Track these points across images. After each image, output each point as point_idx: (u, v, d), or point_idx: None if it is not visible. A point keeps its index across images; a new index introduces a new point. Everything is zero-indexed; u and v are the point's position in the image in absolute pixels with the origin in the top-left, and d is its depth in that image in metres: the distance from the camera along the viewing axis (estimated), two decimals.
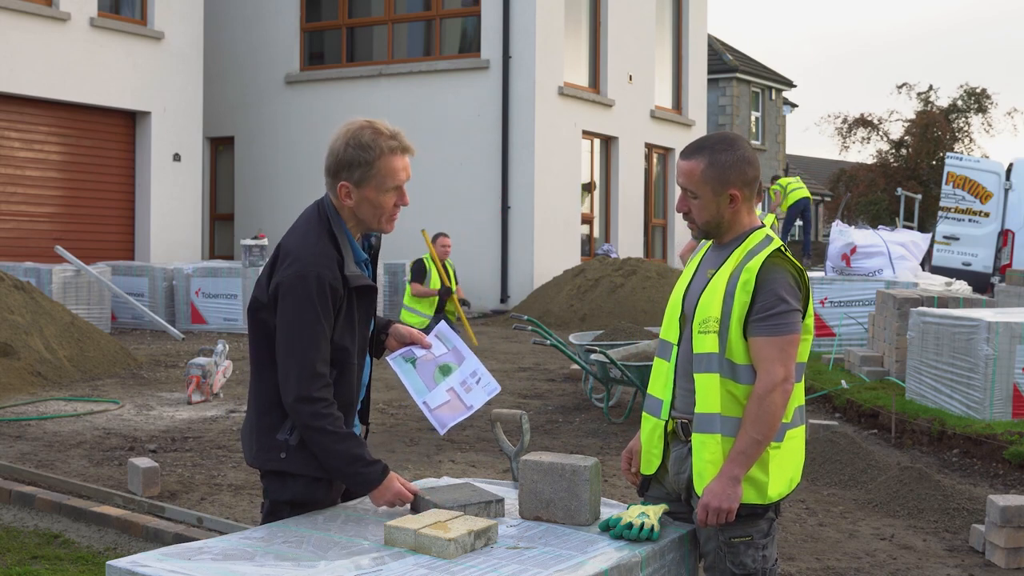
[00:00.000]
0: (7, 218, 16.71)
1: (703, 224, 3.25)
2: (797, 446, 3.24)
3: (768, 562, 3.18)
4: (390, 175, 3.23)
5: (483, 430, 8.60)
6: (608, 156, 21.63)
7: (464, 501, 3.20)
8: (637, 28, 21.99)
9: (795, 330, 3.11)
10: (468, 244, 19.09)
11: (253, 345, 3.29)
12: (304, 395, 3.11)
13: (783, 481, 3.18)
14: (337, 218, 3.26)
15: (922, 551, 5.95)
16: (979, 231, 16.76)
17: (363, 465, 3.15)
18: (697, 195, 3.21)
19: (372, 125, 3.25)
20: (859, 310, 12.92)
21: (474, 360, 3.52)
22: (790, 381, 3.09)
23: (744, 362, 3.12)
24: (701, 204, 3.22)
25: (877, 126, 38.44)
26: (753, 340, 3.10)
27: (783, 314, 3.09)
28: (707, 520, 3.08)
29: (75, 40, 16.98)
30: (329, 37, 21.32)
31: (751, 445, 3.06)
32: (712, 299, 3.16)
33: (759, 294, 3.09)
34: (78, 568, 5.28)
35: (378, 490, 3.17)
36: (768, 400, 3.06)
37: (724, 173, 3.18)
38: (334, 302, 3.16)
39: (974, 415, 8.60)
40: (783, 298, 3.09)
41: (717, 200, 3.20)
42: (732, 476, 3.06)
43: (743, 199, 3.21)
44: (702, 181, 3.20)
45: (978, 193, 16.78)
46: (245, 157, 21.39)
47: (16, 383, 10.14)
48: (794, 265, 3.18)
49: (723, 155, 3.20)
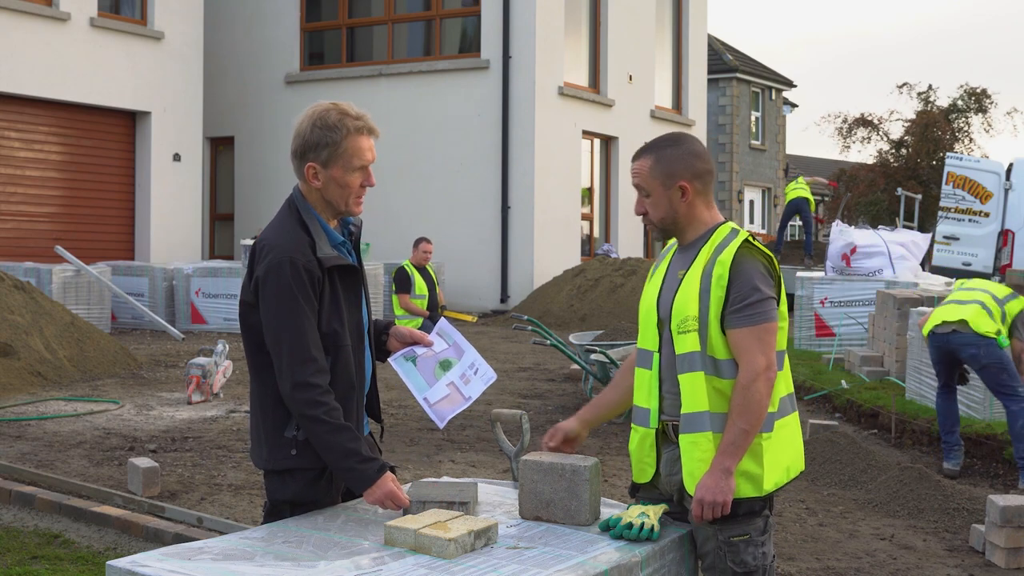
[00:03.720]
0: (7, 218, 16.71)
1: (659, 221, 3.29)
2: (790, 434, 3.25)
3: (767, 559, 3.20)
4: (356, 154, 3.25)
5: (483, 430, 8.60)
6: (608, 156, 21.62)
7: (435, 497, 3.21)
8: (637, 28, 21.98)
9: (772, 318, 3.14)
10: (468, 244, 19.10)
11: (248, 347, 3.30)
12: (299, 381, 3.12)
13: (778, 471, 3.19)
14: (305, 204, 3.30)
15: (922, 551, 5.95)
16: (979, 231, 16.73)
17: (357, 460, 3.15)
18: (649, 192, 3.26)
19: (338, 107, 3.28)
20: (859, 310, 12.92)
21: (473, 352, 3.54)
22: (772, 369, 3.11)
23: (725, 357, 3.13)
24: (653, 201, 3.26)
25: (877, 126, 38.42)
26: (732, 332, 3.12)
27: (758, 303, 3.11)
28: (703, 515, 3.08)
29: (75, 40, 16.98)
30: (329, 37, 21.32)
31: (739, 436, 3.07)
32: (688, 298, 3.17)
33: (733, 286, 3.12)
34: (78, 568, 5.28)
35: (370, 488, 3.16)
36: (752, 389, 3.08)
37: (671, 166, 3.23)
38: (313, 285, 3.17)
39: (974, 415, 8.61)
40: (757, 287, 3.12)
41: (668, 194, 3.23)
42: (723, 468, 3.07)
43: (695, 192, 3.24)
44: (651, 177, 3.24)
45: (978, 193, 16.76)
46: (245, 157, 21.39)
47: (16, 383, 10.13)
48: (764, 254, 3.21)
49: (669, 150, 3.26)
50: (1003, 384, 7.48)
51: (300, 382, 3.12)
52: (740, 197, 35.54)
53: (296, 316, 3.14)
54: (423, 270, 12.40)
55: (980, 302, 7.60)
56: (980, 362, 7.50)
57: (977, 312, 7.52)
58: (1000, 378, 7.48)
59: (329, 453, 3.16)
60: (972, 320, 7.48)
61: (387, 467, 3.20)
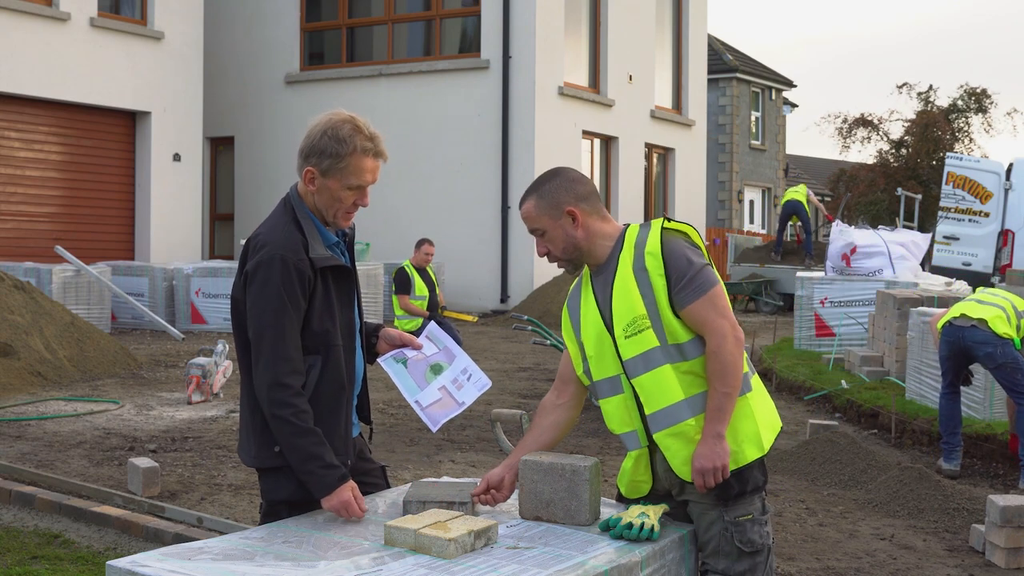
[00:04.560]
0: (7, 218, 16.71)
1: (563, 253, 3.31)
2: (763, 391, 3.33)
3: (769, 538, 3.26)
4: (355, 173, 3.26)
5: (483, 430, 8.60)
6: (608, 156, 21.63)
7: (435, 497, 3.22)
8: (637, 28, 21.99)
9: (716, 281, 3.19)
10: (468, 244, 19.10)
11: (239, 344, 3.31)
12: (272, 380, 3.13)
13: (768, 428, 3.26)
14: (301, 203, 3.31)
15: (922, 551, 5.95)
16: (979, 231, 16.75)
17: (319, 465, 3.14)
18: (543, 230, 3.29)
19: (353, 121, 3.28)
20: (859, 310, 12.92)
21: (465, 358, 3.55)
22: (737, 328, 3.17)
23: (688, 338, 3.17)
24: (550, 237, 3.29)
25: (877, 126, 38.44)
26: (687, 310, 3.15)
27: (699, 273, 3.16)
28: (705, 483, 3.11)
29: (75, 40, 16.98)
30: (329, 37, 21.32)
31: (724, 399, 3.11)
32: (628, 301, 3.19)
33: (669, 267, 3.16)
34: (78, 568, 5.28)
35: (328, 496, 3.14)
36: (724, 351, 3.12)
37: (553, 198, 3.27)
38: (302, 285, 3.18)
39: (974, 415, 8.60)
40: (690, 260, 3.17)
41: (560, 224, 3.26)
42: (715, 434, 3.11)
43: (584, 213, 3.27)
44: (538, 215, 3.28)
45: (978, 193, 16.77)
46: (245, 157, 21.39)
47: (16, 383, 10.14)
48: (681, 231, 3.27)
49: (546, 185, 3.30)
50: (1017, 384, 7.50)
51: (274, 381, 3.13)
52: (740, 197, 35.54)
53: (279, 315, 3.15)
54: (423, 271, 12.40)
55: (1002, 307, 7.65)
56: (996, 361, 7.51)
57: (998, 315, 7.57)
58: (1015, 377, 7.50)
59: (292, 454, 3.16)
60: (992, 321, 7.51)
61: (347, 476, 3.17)
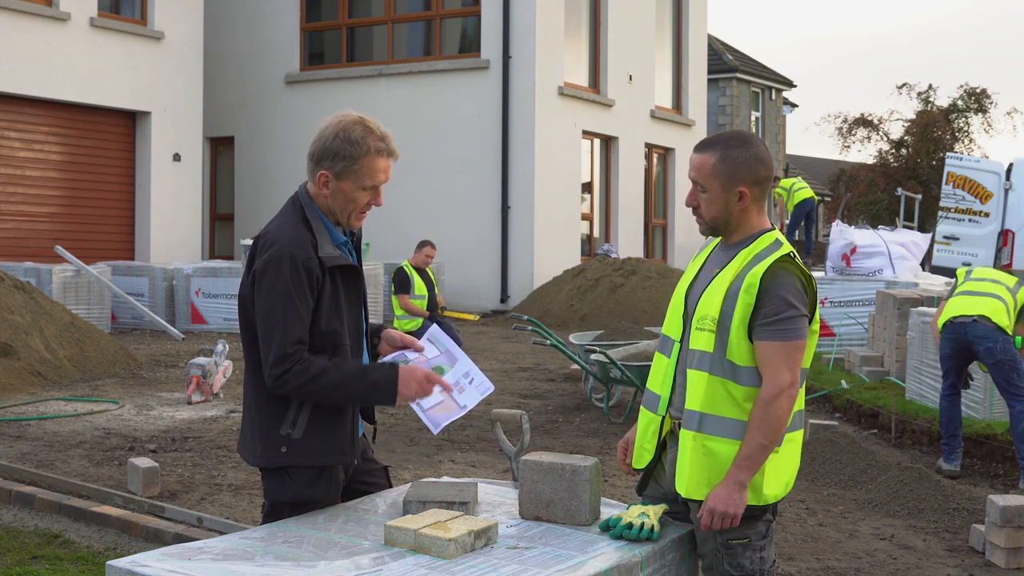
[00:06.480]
0: (7, 218, 16.70)
1: (710, 220, 3.23)
2: (794, 450, 3.24)
3: (766, 563, 3.18)
4: (369, 174, 3.27)
5: (483, 430, 8.60)
6: (608, 156, 21.62)
7: (435, 497, 3.22)
8: (637, 28, 21.98)
9: (802, 335, 3.10)
10: (468, 244, 19.10)
11: (246, 342, 3.30)
12: (278, 356, 3.11)
13: (779, 484, 3.17)
14: (311, 204, 3.32)
15: (922, 551, 5.95)
16: (979, 231, 16.75)
17: (372, 371, 3.23)
18: (706, 189, 3.19)
19: (364, 122, 3.28)
20: (859, 310, 12.92)
21: (467, 361, 3.53)
22: (795, 386, 3.09)
23: (747, 364, 3.10)
24: (710, 199, 3.19)
25: (877, 126, 38.40)
26: (760, 344, 3.07)
27: (791, 319, 3.07)
28: (711, 524, 3.07)
29: (75, 40, 16.97)
30: (329, 37, 21.32)
31: (757, 450, 3.04)
32: (713, 298, 3.15)
33: (766, 298, 3.07)
34: (78, 568, 5.28)
35: (401, 381, 3.21)
36: (775, 405, 3.05)
37: (735, 169, 3.16)
38: (311, 283, 3.18)
39: (974, 415, 8.60)
40: (791, 303, 3.07)
41: (726, 196, 3.17)
42: (738, 481, 3.05)
43: (752, 198, 3.19)
44: (712, 175, 3.17)
45: (978, 193, 16.77)
46: (245, 157, 21.39)
47: (16, 383, 10.13)
48: (802, 271, 3.16)
49: (736, 151, 3.17)
50: (1012, 383, 7.49)
51: (279, 357, 3.11)
52: None
53: (287, 313, 3.14)
54: (422, 272, 12.41)
55: (998, 296, 7.61)
56: (995, 356, 7.50)
57: (996, 307, 7.55)
58: (1010, 376, 7.49)
59: (344, 390, 3.18)
60: (992, 314, 7.50)
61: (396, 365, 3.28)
